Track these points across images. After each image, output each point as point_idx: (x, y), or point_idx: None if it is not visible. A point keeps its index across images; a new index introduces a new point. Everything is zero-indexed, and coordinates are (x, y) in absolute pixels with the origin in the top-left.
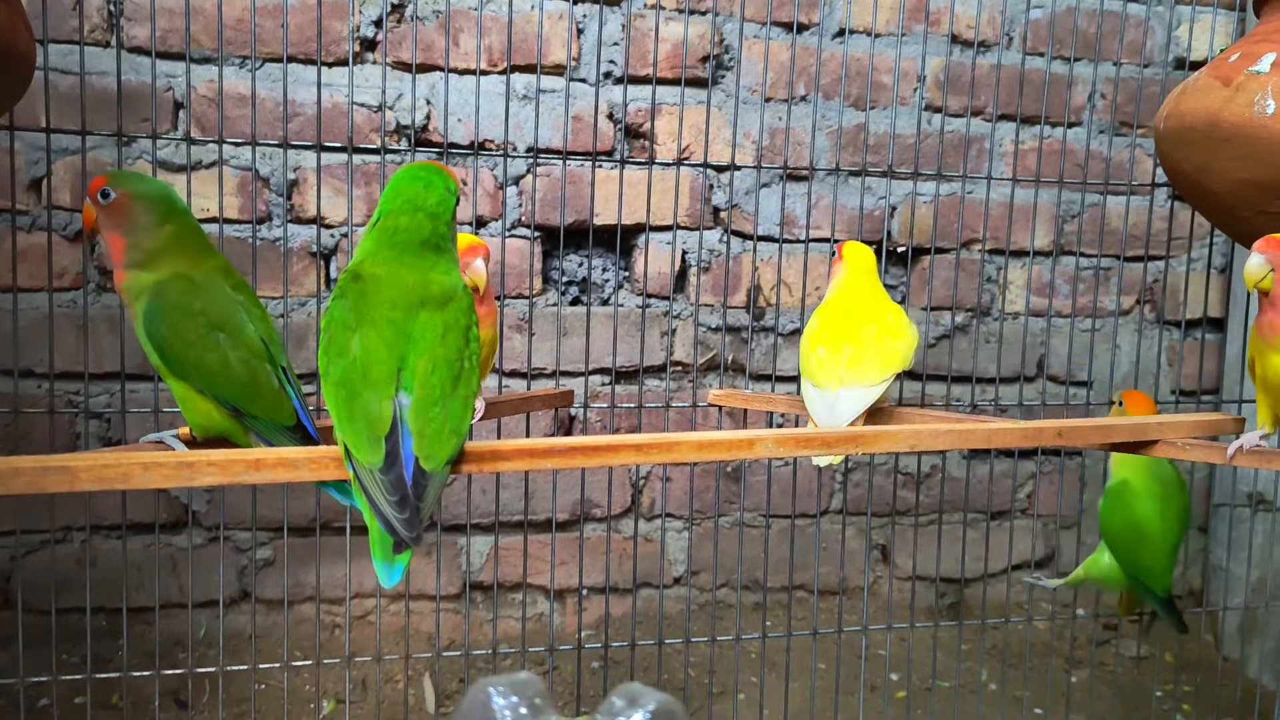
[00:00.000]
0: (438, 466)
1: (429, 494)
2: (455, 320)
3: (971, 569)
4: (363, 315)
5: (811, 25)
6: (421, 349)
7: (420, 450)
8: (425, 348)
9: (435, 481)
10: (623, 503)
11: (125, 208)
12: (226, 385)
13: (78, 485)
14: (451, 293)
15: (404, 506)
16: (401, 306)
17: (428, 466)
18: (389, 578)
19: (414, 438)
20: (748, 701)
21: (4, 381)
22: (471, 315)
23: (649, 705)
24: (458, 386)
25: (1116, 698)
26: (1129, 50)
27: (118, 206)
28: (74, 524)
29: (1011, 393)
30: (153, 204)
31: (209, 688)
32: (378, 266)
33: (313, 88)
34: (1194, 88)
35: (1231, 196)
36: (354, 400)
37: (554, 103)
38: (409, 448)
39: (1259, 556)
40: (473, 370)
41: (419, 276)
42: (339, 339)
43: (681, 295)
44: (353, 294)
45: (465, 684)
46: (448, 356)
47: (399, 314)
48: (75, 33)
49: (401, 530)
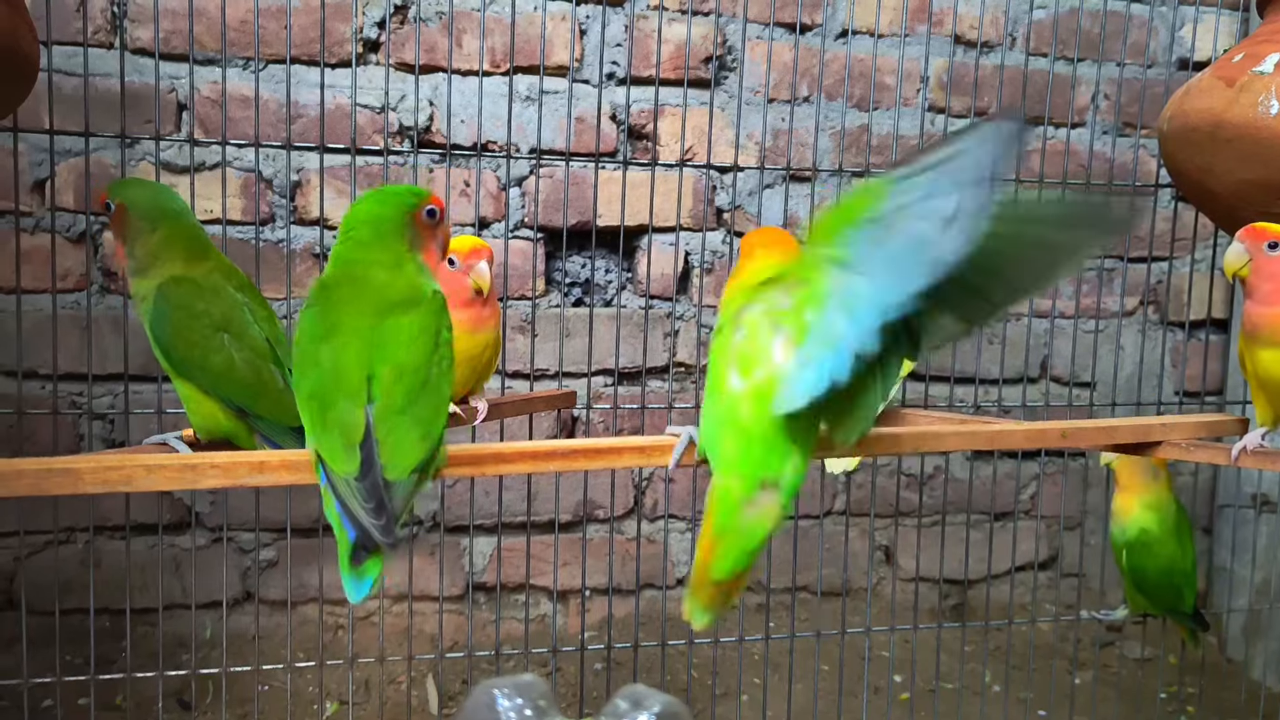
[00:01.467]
0: (401, 475)
1: (395, 501)
2: (424, 324)
3: (975, 570)
4: (331, 324)
5: (814, 26)
6: (386, 355)
7: (384, 458)
8: (390, 354)
9: (400, 489)
10: (626, 504)
11: (122, 216)
12: (231, 385)
13: (81, 487)
14: (419, 296)
15: (380, 513)
16: (369, 313)
17: (390, 475)
18: (356, 591)
19: (379, 445)
20: (751, 703)
21: (8, 383)
22: (442, 318)
23: (653, 707)
24: (425, 392)
25: (1120, 699)
26: (1132, 51)
27: (117, 216)
28: (77, 525)
29: (1015, 394)
30: (143, 210)
31: (212, 689)
32: (344, 274)
33: (316, 89)
34: (1198, 88)
35: (1235, 197)
36: (327, 411)
37: (557, 104)
38: (376, 455)
39: (1263, 558)
40: (443, 375)
41: (386, 281)
42: (309, 351)
43: (684, 296)
44: (321, 303)
45: (468, 685)
46: (414, 363)
47: (366, 321)
48: (79, 34)
49: (378, 536)
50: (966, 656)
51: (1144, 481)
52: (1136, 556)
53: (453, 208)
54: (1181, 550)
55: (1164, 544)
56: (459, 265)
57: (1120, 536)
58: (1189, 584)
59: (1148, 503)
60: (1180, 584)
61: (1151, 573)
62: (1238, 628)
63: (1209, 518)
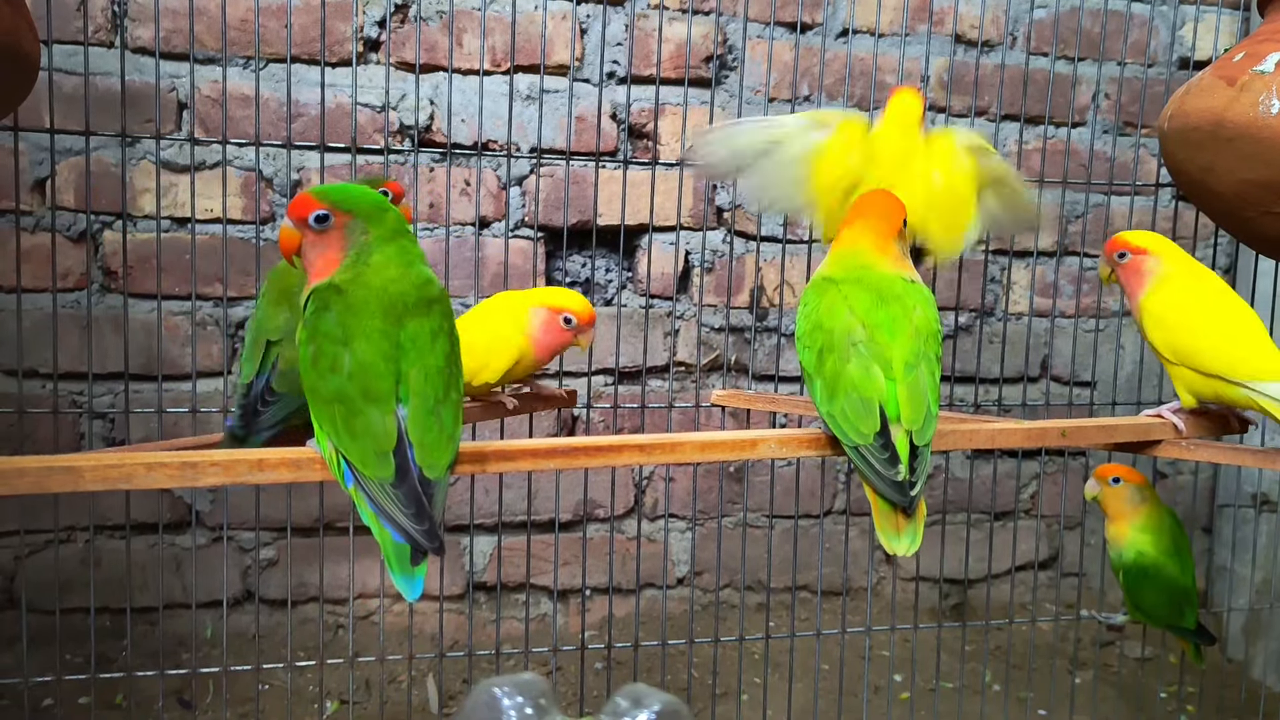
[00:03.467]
0: (440, 474)
1: (437, 501)
2: (439, 325)
3: (975, 570)
4: (351, 329)
5: (815, 25)
6: (413, 358)
7: (422, 460)
8: (416, 357)
9: (440, 489)
10: (626, 503)
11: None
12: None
13: (82, 485)
14: (433, 295)
15: (421, 518)
16: (391, 317)
17: (431, 475)
18: (411, 590)
19: (415, 448)
20: (751, 702)
21: (8, 382)
22: (451, 316)
23: (653, 706)
24: (449, 392)
25: (1120, 699)
26: (1133, 50)
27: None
28: (78, 524)
29: (1015, 393)
30: None
31: (213, 688)
32: (355, 276)
33: (316, 88)
34: (1198, 88)
35: (1236, 197)
36: (354, 417)
37: (557, 103)
38: (413, 459)
39: (1263, 558)
40: (458, 373)
41: (398, 277)
42: (328, 353)
43: (685, 296)
44: (338, 306)
45: (469, 684)
46: (437, 364)
47: (389, 325)
48: (79, 33)
49: (424, 542)
50: (966, 656)
51: (1131, 507)
52: (1134, 580)
53: (453, 207)
54: (1180, 568)
55: (1161, 566)
56: (574, 324)
57: (1117, 561)
58: (1189, 602)
59: (1140, 525)
60: (1180, 602)
61: (1150, 594)
62: (1238, 628)
63: (1209, 517)
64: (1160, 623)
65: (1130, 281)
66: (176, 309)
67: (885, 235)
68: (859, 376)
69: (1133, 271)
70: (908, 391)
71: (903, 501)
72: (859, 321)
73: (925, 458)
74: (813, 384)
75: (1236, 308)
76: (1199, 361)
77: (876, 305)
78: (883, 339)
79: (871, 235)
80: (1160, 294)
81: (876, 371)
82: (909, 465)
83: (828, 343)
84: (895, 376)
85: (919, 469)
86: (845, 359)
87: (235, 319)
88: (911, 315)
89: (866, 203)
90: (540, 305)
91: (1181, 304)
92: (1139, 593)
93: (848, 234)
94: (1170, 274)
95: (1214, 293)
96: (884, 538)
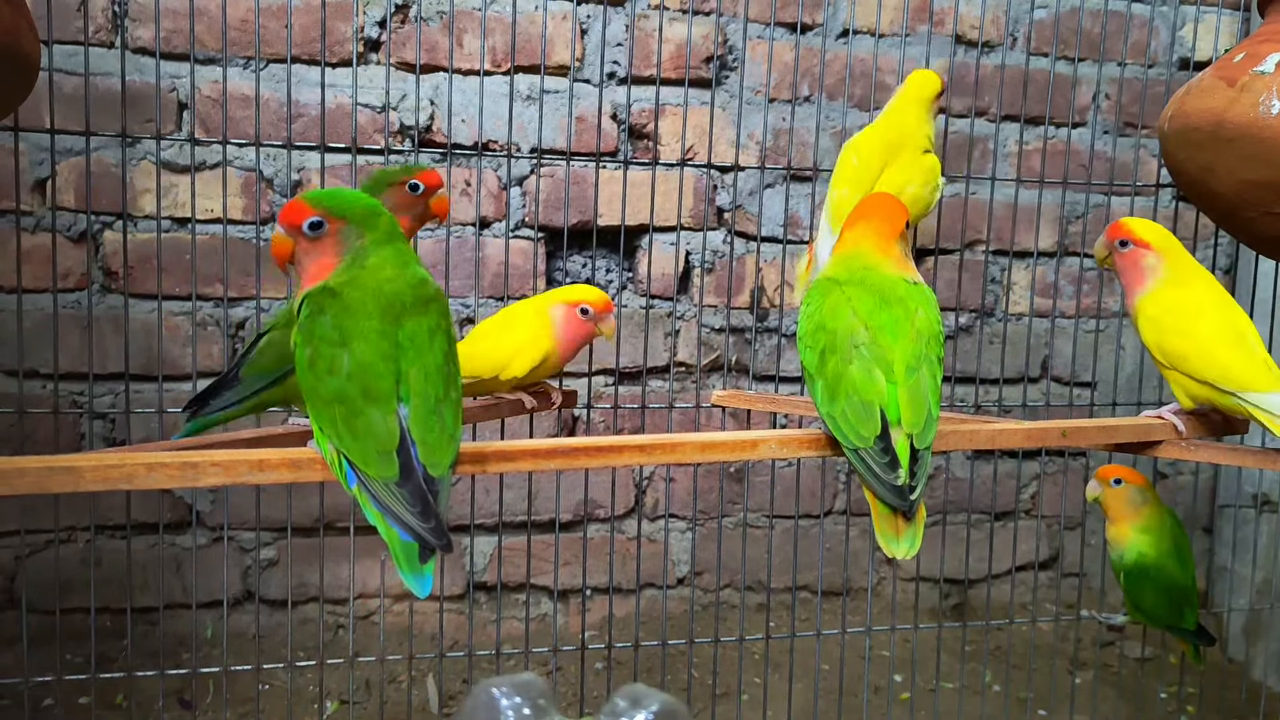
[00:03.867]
0: (443, 472)
1: (442, 499)
2: (437, 323)
3: (975, 570)
4: (348, 330)
5: (815, 26)
6: (412, 357)
7: (426, 458)
8: (415, 356)
9: (444, 486)
10: (626, 503)
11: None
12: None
13: (82, 485)
14: (430, 294)
15: (428, 516)
16: (389, 317)
17: (435, 473)
18: (421, 588)
19: (418, 446)
20: (751, 702)
21: (9, 382)
22: (448, 313)
23: (652, 706)
24: (449, 390)
25: (1121, 699)
26: (1133, 50)
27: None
28: (78, 524)
29: (1015, 393)
30: None
31: (213, 688)
32: (351, 279)
33: (317, 88)
34: (1198, 88)
35: (1236, 197)
36: (355, 417)
37: (558, 103)
38: (417, 457)
39: (1264, 558)
40: (457, 372)
41: (393, 277)
42: (325, 355)
43: (685, 296)
44: (333, 309)
45: (469, 684)
46: (437, 362)
47: (387, 325)
48: (80, 34)
49: (432, 539)
50: (967, 656)
51: (1133, 509)
52: (1135, 581)
53: (454, 207)
54: (1181, 569)
55: (1162, 567)
56: (592, 314)
57: (1118, 563)
58: (1189, 603)
59: (1140, 527)
60: (1180, 603)
61: (1151, 596)
62: (1238, 628)
63: (1209, 518)
64: (1160, 623)
65: (1128, 273)
66: (177, 309)
67: (888, 237)
68: (860, 379)
69: (1131, 263)
70: (909, 395)
71: (902, 505)
72: (862, 323)
73: (925, 461)
74: (814, 384)
75: (1232, 315)
76: (1191, 368)
77: (879, 307)
78: (885, 341)
79: (874, 237)
80: (1157, 297)
81: (878, 374)
82: (909, 469)
83: (830, 344)
84: (896, 379)
85: (919, 473)
86: (847, 360)
87: (235, 319)
88: (913, 318)
89: (869, 204)
90: (558, 302)
91: (1177, 309)
92: (1140, 594)
93: (850, 235)
94: (1169, 277)
95: (1210, 299)
96: (883, 541)
